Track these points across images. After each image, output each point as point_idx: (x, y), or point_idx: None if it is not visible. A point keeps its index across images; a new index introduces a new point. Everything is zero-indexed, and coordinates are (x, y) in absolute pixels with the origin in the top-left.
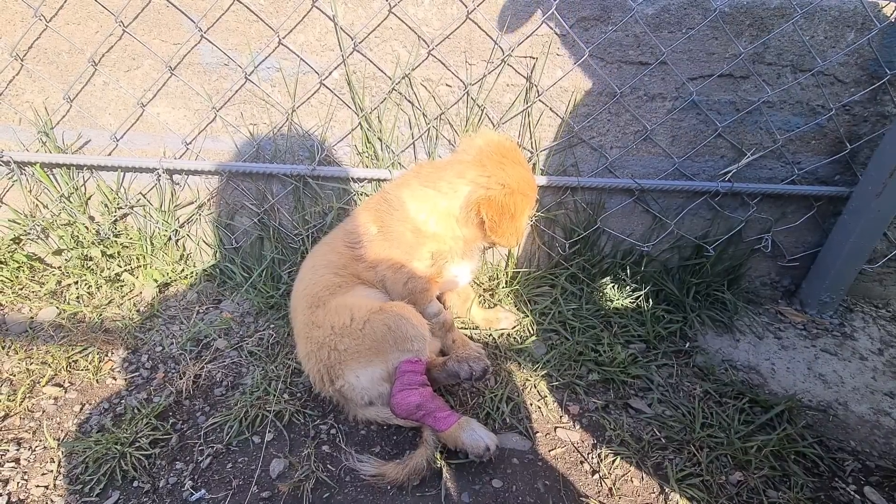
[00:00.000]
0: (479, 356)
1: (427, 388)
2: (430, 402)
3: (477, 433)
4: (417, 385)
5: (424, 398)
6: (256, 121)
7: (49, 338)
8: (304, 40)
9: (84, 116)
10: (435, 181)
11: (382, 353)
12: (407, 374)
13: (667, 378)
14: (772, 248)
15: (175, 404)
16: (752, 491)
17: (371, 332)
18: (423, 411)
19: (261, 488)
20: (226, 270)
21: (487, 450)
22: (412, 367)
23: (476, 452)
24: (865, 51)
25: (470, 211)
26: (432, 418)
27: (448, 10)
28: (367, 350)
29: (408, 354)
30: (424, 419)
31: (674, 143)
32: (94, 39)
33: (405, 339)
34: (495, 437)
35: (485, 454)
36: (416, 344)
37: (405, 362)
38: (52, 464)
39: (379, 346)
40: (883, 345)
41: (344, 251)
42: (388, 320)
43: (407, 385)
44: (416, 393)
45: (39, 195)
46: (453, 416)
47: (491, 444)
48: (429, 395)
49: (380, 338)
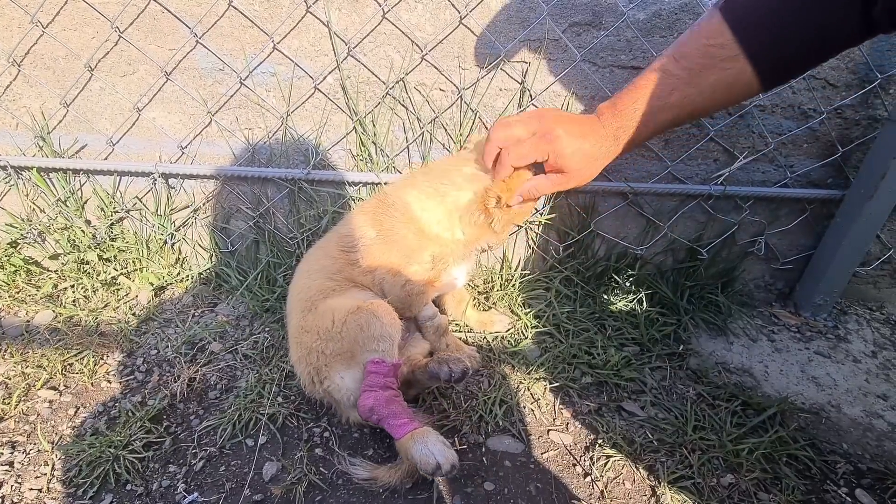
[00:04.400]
0: (459, 358)
1: (386, 392)
2: (384, 406)
3: (429, 448)
4: (378, 387)
5: (378, 402)
6: (252, 125)
7: (45, 341)
8: (299, 45)
9: (80, 121)
10: (440, 180)
11: (356, 353)
12: (371, 375)
13: (660, 381)
14: (765, 250)
15: (169, 407)
16: (743, 493)
17: (347, 333)
18: (377, 416)
19: (253, 491)
20: (221, 274)
21: (438, 468)
22: (375, 368)
23: (425, 469)
24: (856, 54)
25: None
26: (387, 424)
27: (441, 15)
28: (345, 351)
29: (374, 354)
30: (380, 424)
31: (667, 147)
32: (90, 45)
33: (372, 339)
34: (453, 455)
35: (435, 472)
36: (382, 344)
37: (370, 363)
38: (45, 467)
39: (353, 346)
40: (877, 347)
41: (338, 255)
42: (361, 319)
43: (368, 387)
44: (372, 396)
45: (36, 199)
46: (409, 426)
47: (444, 462)
48: (384, 400)
49: (353, 338)
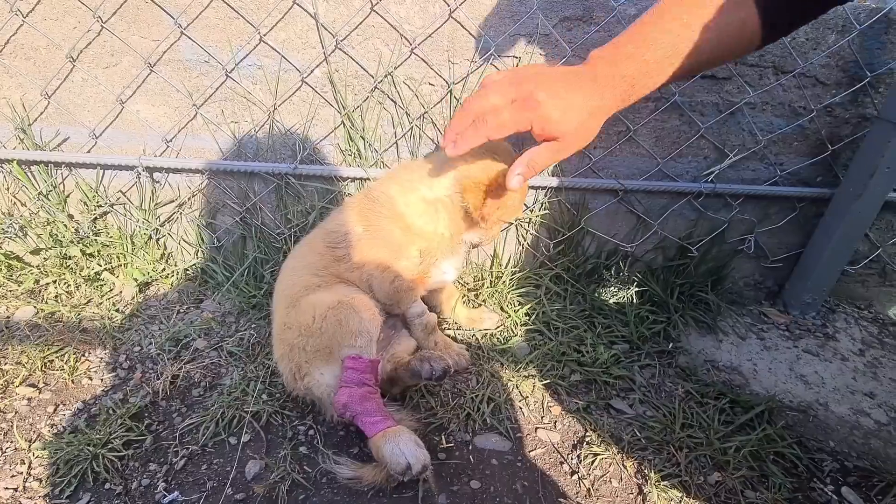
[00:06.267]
0: (440, 356)
1: (362, 389)
2: (357, 403)
3: (400, 448)
4: (353, 384)
5: (352, 398)
6: (238, 118)
7: (25, 337)
8: (286, 37)
9: (62, 113)
10: (422, 172)
11: (334, 349)
12: (347, 371)
13: (649, 378)
14: (755, 249)
15: (151, 405)
16: (730, 491)
17: (327, 329)
18: (350, 413)
19: (235, 490)
20: (207, 270)
21: (408, 468)
22: (353, 364)
23: (395, 469)
24: (846, 53)
25: (455, 195)
26: (360, 422)
27: (430, 8)
28: (325, 347)
29: (351, 350)
30: (354, 421)
31: (657, 144)
32: (72, 35)
33: (350, 334)
34: (425, 455)
35: (405, 473)
36: (360, 340)
37: (347, 358)
38: (22, 465)
39: (331, 342)
40: (864, 345)
41: (324, 251)
42: (341, 314)
43: (344, 383)
44: (347, 392)
45: (17, 193)
46: (382, 424)
47: (414, 462)
48: (358, 396)
49: (332, 333)
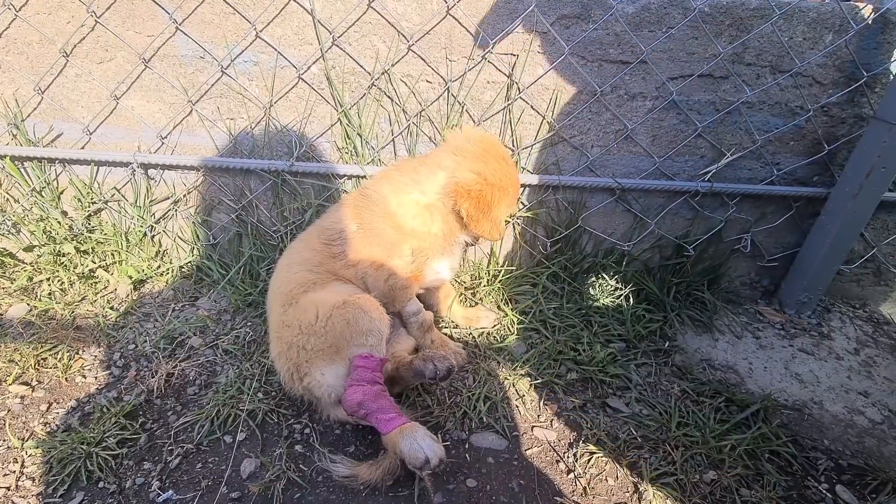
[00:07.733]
0: (444, 356)
1: (375, 387)
2: (372, 401)
3: (418, 442)
4: (366, 382)
5: (367, 396)
6: (234, 115)
7: (18, 335)
8: (282, 34)
9: (56, 109)
10: (414, 173)
11: (342, 348)
12: (358, 370)
13: (645, 377)
14: (751, 248)
15: (146, 403)
16: (725, 490)
17: (332, 328)
18: (365, 410)
19: (230, 489)
20: (203, 267)
21: (427, 462)
22: (364, 363)
23: (413, 463)
24: (843, 52)
25: (446, 198)
26: (374, 419)
27: (428, 5)
28: (329, 347)
29: (362, 349)
30: (368, 419)
31: (654, 143)
32: (65, 30)
33: (360, 333)
34: (441, 449)
35: (424, 467)
36: (371, 339)
37: (358, 357)
38: (15, 464)
39: (338, 341)
40: (859, 344)
41: (320, 248)
42: (348, 314)
43: (356, 381)
44: (361, 390)
45: (10, 189)
46: (397, 420)
47: (433, 456)
48: (373, 394)
49: (339, 333)
